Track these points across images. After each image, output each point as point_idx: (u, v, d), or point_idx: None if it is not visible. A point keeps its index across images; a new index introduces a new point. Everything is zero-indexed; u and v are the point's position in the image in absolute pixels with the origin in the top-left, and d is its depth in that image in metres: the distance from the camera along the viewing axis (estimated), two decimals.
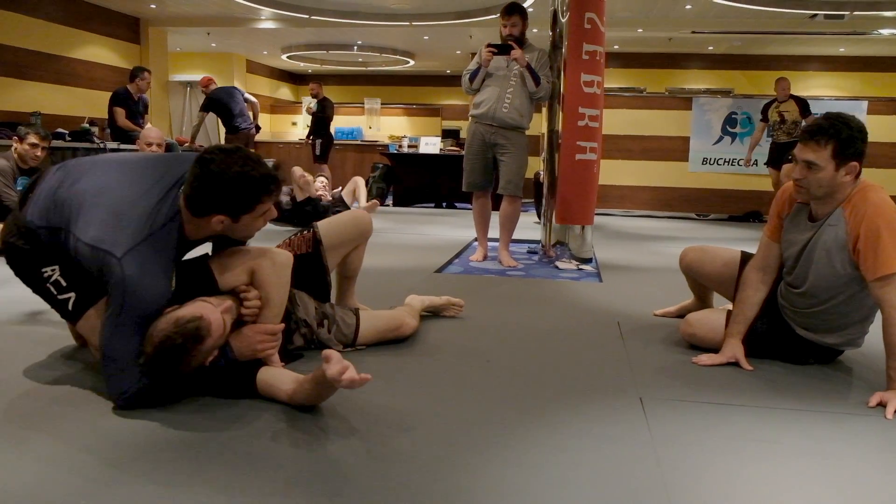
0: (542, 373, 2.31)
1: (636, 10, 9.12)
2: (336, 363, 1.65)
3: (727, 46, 11.67)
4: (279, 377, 1.94)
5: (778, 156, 7.24)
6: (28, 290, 2.12)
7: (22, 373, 2.18)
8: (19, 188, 4.56)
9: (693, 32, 10.05)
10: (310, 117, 9.64)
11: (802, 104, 7.33)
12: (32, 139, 4.58)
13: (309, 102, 9.69)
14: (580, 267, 4.46)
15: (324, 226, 2.58)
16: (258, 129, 8.44)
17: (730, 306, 2.61)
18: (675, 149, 8.63)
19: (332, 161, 9.47)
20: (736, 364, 2.38)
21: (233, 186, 1.86)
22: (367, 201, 6.78)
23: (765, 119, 7.59)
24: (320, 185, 6.22)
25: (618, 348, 2.62)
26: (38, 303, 3.13)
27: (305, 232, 2.56)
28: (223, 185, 1.85)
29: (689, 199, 8.64)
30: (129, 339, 1.83)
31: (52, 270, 2.03)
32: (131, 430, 1.74)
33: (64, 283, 2.03)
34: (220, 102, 7.81)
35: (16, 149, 4.59)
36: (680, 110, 8.64)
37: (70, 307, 2.05)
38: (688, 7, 9.06)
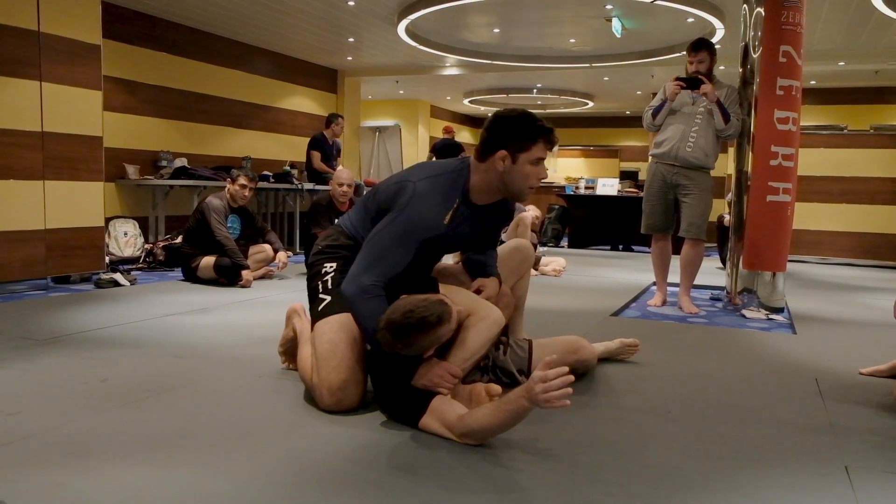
0: (729, 429, 2.15)
1: (837, 41, 8.44)
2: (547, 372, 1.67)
3: None
4: (453, 403, 1.97)
5: None
6: (230, 317, 2.33)
7: (228, 393, 2.41)
8: (229, 225, 5.09)
9: None
10: None
11: None
12: (242, 181, 5.12)
13: None
14: (770, 316, 4.15)
15: None
16: None
17: None
18: (881, 191, 7.82)
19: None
20: None
21: (517, 119, 2.18)
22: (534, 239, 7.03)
23: None
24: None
25: (817, 408, 2.38)
26: (242, 328, 3.44)
27: None
28: (509, 119, 2.19)
29: None
30: (389, 241, 2.12)
31: (332, 268, 2.32)
32: (313, 451, 1.84)
33: (330, 286, 2.28)
34: (439, 155, 8.89)
35: (228, 189, 5.14)
36: (888, 149, 7.84)
37: (320, 309, 2.27)
38: None
